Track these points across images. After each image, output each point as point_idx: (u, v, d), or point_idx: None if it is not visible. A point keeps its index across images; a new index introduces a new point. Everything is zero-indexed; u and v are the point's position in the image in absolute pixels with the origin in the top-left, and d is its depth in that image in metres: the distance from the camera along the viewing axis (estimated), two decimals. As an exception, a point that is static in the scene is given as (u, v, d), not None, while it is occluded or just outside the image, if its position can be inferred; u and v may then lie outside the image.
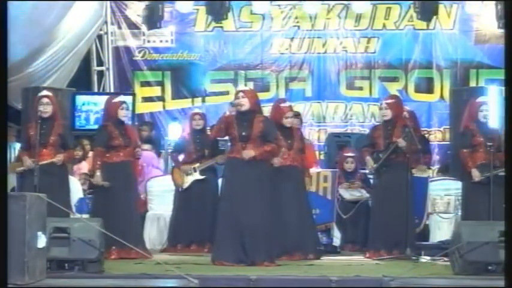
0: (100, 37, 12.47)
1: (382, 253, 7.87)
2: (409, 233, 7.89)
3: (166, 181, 9.12)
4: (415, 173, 8.33)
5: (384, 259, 7.70)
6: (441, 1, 11.98)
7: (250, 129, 7.18)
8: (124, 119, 7.96)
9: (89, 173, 9.13)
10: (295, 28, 12.45)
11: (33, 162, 7.59)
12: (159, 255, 8.02)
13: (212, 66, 12.50)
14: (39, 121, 7.75)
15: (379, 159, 7.98)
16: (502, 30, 11.06)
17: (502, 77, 9.43)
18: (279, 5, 12.42)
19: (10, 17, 6.19)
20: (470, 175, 7.75)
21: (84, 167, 10.31)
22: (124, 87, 12.37)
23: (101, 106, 10.34)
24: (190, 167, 8.68)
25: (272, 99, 12.17)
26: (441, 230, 8.96)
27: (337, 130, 12.07)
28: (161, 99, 12.51)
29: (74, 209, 8.38)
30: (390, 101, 8.22)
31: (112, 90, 12.29)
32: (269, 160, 7.39)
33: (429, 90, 12.38)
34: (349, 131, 12.04)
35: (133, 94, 11.64)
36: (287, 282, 6.14)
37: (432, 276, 6.36)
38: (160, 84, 12.53)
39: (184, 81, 12.53)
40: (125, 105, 8.01)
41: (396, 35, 12.41)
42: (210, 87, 12.46)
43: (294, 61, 12.48)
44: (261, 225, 7.10)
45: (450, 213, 9.12)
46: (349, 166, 9.34)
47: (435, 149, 11.87)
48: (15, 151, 10.31)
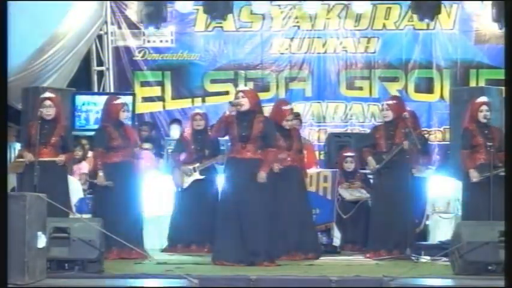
0: (100, 37, 12.46)
1: (382, 253, 7.88)
2: (409, 233, 7.89)
3: (166, 181, 9.12)
4: (415, 173, 8.33)
5: (384, 259, 7.70)
6: (441, 1, 11.97)
7: (250, 130, 7.18)
8: (125, 121, 7.98)
9: (90, 174, 9.13)
10: (295, 28, 12.44)
11: (34, 158, 7.62)
12: (159, 255, 8.02)
13: (212, 66, 12.49)
14: (39, 122, 7.76)
15: (382, 160, 7.97)
16: (502, 30, 11.05)
17: (502, 77, 9.44)
18: (279, 5, 12.42)
19: (10, 17, 6.19)
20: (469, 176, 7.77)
21: (84, 167, 10.30)
22: (124, 87, 12.37)
23: (101, 106, 10.35)
24: (190, 167, 8.68)
25: (272, 99, 12.20)
26: (441, 230, 8.97)
27: (337, 130, 12.06)
28: (161, 99, 12.50)
29: (74, 209, 8.39)
30: (391, 102, 8.23)
31: (112, 90, 12.28)
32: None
33: (429, 90, 12.38)
34: (349, 131, 12.03)
35: (133, 94, 11.63)
36: (287, 282, 6.14)
37: (432, 276, 6.36)
38: (160, 84, 12.52)
39: (184, 81, 12.53)
40: (126, 107, 8.08)
41: (396, 35, 12.40)
42: (210, 87, 12.45)
43: (294, 61, 12.48)
44: (261, 225, 7.10)
45: (450, 213, 9.13)
46: (349, 166, 9.35)
47: (435, 149, 11.87)
48: (15, 151, 10.32)
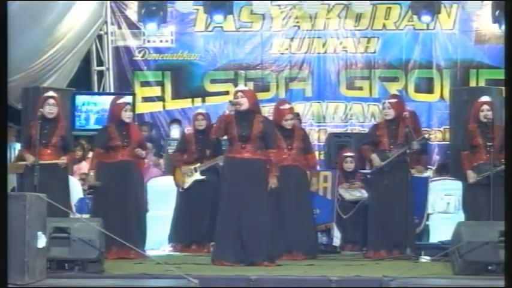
0: (100, 37, 12.47)
1: (382, 253, 7.87)
2: (409, 233, 7.89)
3: (166, 181, 9.12)
4: (415, 173, 8.33)
5: (384, 259, 7.70)
6: (441, 1, 11.97)
7: (250, 130, 7.18)
8: (127, 120, 7.99)
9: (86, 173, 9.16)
10: (295, 28, 12.46)
11: (35, 159, 7.63)
12: (159, 255, 8.02)
13: (212, 66, 12.50)
14: (40, 121, 7.77)
15: (386, 158, 7.96)
16: (502, 30, 11.05)
17: (502, 77, 9.44)
18: (279, 5, 12.43)
19: (10, 17, 6.19)
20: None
21: (84, 167, 10.30)
22: (124, 87, 12.38)
23: (101, 106, 10.39)
24: (191, 168, 8.68)
25: (272, 99, 12.23)
26: (441, 230, 8.96)
27: (337, 130, 12.07)
28: (161, 99, 12.51)
29: (74, 209, 8.39)
30: (393, 101, 8.22)
31: (112, 90, 12.30)
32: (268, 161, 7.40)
33: (429, 90, 12.38)
34: (349, 131, 12.04)
35: (133, 94, 11.64)
36: (287, 282, 6.13)
37: (432, 276, 6.36)
38: (160, 84, 12.53)
39: (184, 81, 12.54)
40: (129, 107, 8.06)
41: (396, 35, 12.41)
42: (210, 87, 12.46)
43: (294, 61, 12.49)
44: (260, 225, 7.10)
45: (450, 213, 9.12)
46: (349, 166, 9.33)
47: (435, 149, 11.88)
48: (15, 151, 10.32)
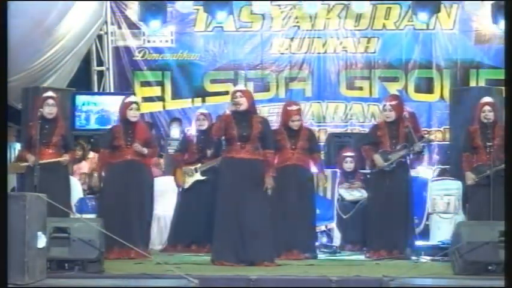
0: (100, 37, 12.47)
1: (382, 253, 7.88)
2: (409, 233, 7.90)
3: (166, 181, 9.12)
4: (415, 173, 8.33)
5: (384, 259, 7.70)
6: (441, 1, 11.97)
7: (250, 130, 7.19)
8: (133, 119, 7.98)
9: (88, 173, 9.15)
10: (295, 28, 12.44)
11: (36, 159, 7.63)
12: (159, 255, 8.02)
13: (212, 66, 12.49)
14: (40, 121, 7.77)
15: (389, 158, 7.96)
16: (502, 29, 11.05)
17: (502, 77, 9.44)
18: (279, 5, 12.42)
19: (10, 17, 6.19)
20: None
21: (84, 167, 10.31)
22: (124, 87, 12.36)
23: (101, 106, 10.39)
24: (192, 168, 8.68)
25: (272, 99, 12.27)
26: (441, 230, 8.97)
27: (337, 130, 12.05)
28: (161, 99, 12.50)
29: (74, 209, 8.39)
30: (394, 103, 8.21)
31: (112, 90, 12.30)
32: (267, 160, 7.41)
33: (429, 90, 12.37)
34: (349, 131, 12.03)
35: (133, 94, 11.63)
36: (287, 282, 6.14)
37: (432, 276, 6.36)
38: (160, 84, 12.52)
39: (184, 81, 12.53)
40: (134, 106, 8.05)
41: (396, 35, 12.40)
42: (210, 87, 12.45)
43: (294, 61, 12.48)
44: (260, 225, 7.11)
45: (450, 213, 9.13)
46: (349, 166, 9.33)
47: (435, 149, 11.88)
48: (15, 151, 10.33)
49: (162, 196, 9.13)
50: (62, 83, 11.40)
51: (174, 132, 11.35)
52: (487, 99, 8.04)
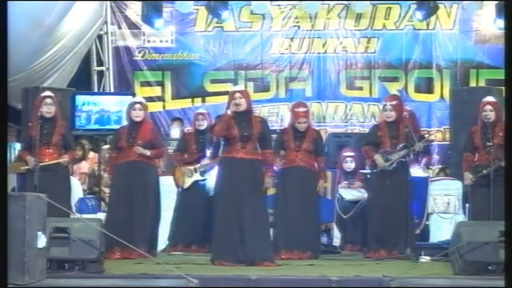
0: (100, 37, 12.48)
1: (382, 253, 7.87)
2: (409, 233, 7.89)
3: (166, 181, 9.11)
4: (415, 173, 8.32)
5: (384, 259, 7.70)
6: (441, 1, 11.98)
7: (251, 129, 7.19)
8: (137, 119, 7.96)
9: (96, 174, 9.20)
10: (295, 28, 12.45)
11: (35, 160, 7.63)
12: (159, 255, 8.01)
13: (212, 66, 12.50)
14: (39, 121, 7.77)
15: (389, 159, 7.95)
16: (502, 30, 11.05)
17: (502, 77, 9.43)
18: (279, 5, 12.43)
19: (10, 17, 6.18)
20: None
21: (84, 167, 10.32)
22: (124, 87, 12.38)
23: (101, 106, 10.38)
24: (191, 168, 8.68)
25: (272, 99, 12.28)
26: (441, 230, 8.97)
27: (337, 130, 12.06)
28: (161, 99, 12.51)
29: (74, 209, 8.39)
30: (394, 103, 8.20)
31: (112, 90, 12.31)
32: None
33: (429, 90, 12.38)
34: (349, 131, 12.04)
35: (133, 94, 11.63)
36: (287, 282, 6.13)
37: (432, 276, 6.35)
38: (160, 84, 12.53)
39: (184, 81, 12.54)
40: (138, 106, 8.01)
41: (396, 35, 12.41)
42: (210, 87, 12.46)
43: (294, 61, 12.49)
44: (260, 225, 7.11)
45: (450, 213, 9.12)
46: (349, 166, 9.34)
47: (435, 149, 11.88)
48: (15, 151, 10.33)
49: (163, 196, 9.13)
50: (62, 83, 11.40)
51: (175, 132, 11.34)
52: (488, 98, 8.04)
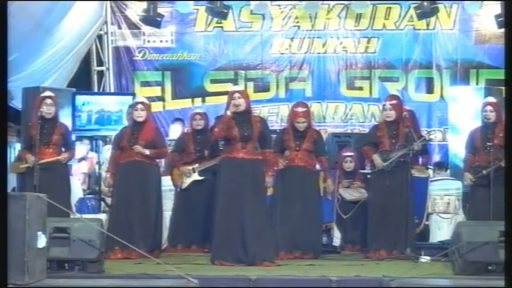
0: (100, 37, 12.48)
1: (382, 253, 7.87)
2: (409, 233, 7.89)
3: (165, 181, 9.11)
4: (415, 173, 8.33)
5: (384, 259, 7.70)
6: (441, 1, 11.98)
7: (251, 129, 7.20)
8: (139, 119, 7.98)
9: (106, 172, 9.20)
10: (295, 28, 12.45)
11: (35, 160, 7.63)
12: (159, 255, 8.01)
13: (212, 66, 12.50)
14: (39, 121, 7.78)
15: (388, 158, 7.95)
16: (502, 30, 11.05)
17: (502, 77, 9.44)
18: (279, 5, 12.43)
19: (10, 17, 6.19)
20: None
21: (84, 166, 10.32)
22: (124, 87, 12.38)
23: (101, 106, 10.37)
24: (189, 168, 8.68)
25: (272, 99, 12.28)
26: (441, 230, 8.97)
27: (337, 130, 12.05)
28: (161, 99, 12.51)
29: (74, 209, 8.39)
30: (394, 102, 8.21)
31: (112, 90, 12.30)
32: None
33: (429, 90, 12.38)
34: (349, 131, 12.03)
35: (133, 94, 11.63)
36: (287, 282, 6.13)
37: (432, 276, 6.35)
38: (160, 84, 12.53)
39: (184, 81, 12.54)
40: (140, 106, 8.02)
41: (396, 35, 12.41)
42: (210, 87, 12.46)
43: (294, 61, 12.49)
44: (261, 225, 7.11)
45: (450, 213, 9.12)
46: (349, 166, 9.33)
47: (435, 149, 11.88)
48: (15, 151, 10.32)
49: (163, 196, 9.14)
50: (62, 83, 11.40)
51: (175, 132, 11.33)
52: (488, 99, 8.04)
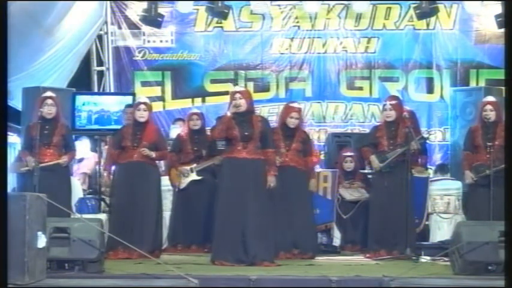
0: (100, 37, 12.47)
1: (382, 253, 7.88)
2: (409, 233, 7.90)
3: (165, 181, 9.11)
4: (415, 173, 8.33)
5: (384, 259, 7.70)
6: (441, 1, 11.97)
7: (252, 129, 7.21)
8: (141, 120, 7.97)
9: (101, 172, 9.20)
10: (295, 28, 12.44)
11: (35, 161, 7.63)
12: (159, 255, 8.02)
13: (212, 66, 12.49)
14: (40, 121, 7.78)
15: (385, 159, 7.96)
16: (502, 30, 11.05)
17: (502, 77, 9.43)
18: (279, 5, 12.42)
19: (10, 17, 6.19)
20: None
21: (84, 167, 10.31)
22: (124, 87, 12.37)
23: (101, 106, 10.36)
24: (187, 168, 8.68)
25: (272, 99, 12.27)
26: (441, 230, 8.97)
27: (337, 130, 12.05)
28: (161, 99, 12.49)
29: (74, 209, 8.39)
30: (394, 102, 8.22)
31: (112, 90, 12.30)
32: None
33: (429, 90, 12.37)
34: (349, 131, 12.02)
35: (133, 94, 11.63)
36: (287, 282, 6.13)
37: (432, 276, 6.35)
38: (160, 84, 12.52)
39: (184, 81, 12.53)
40: (142, 106, 8.02)
41: (396, 35, 12.40)
42: (210, 87, 12.45)
43: (294, 61, 12.47)
44: (261, 225, 7.11)
45: (450, 213, 9.12)
46: (349, 166, 9.34)
47: (435, 149, 11.88)
48: (15, 151, 10.32)
49: (163, 196, 9.14)
50: (62, 83, 11.39)
51: (176, 132, 11.33)
52: (488, 98, 8.05)
